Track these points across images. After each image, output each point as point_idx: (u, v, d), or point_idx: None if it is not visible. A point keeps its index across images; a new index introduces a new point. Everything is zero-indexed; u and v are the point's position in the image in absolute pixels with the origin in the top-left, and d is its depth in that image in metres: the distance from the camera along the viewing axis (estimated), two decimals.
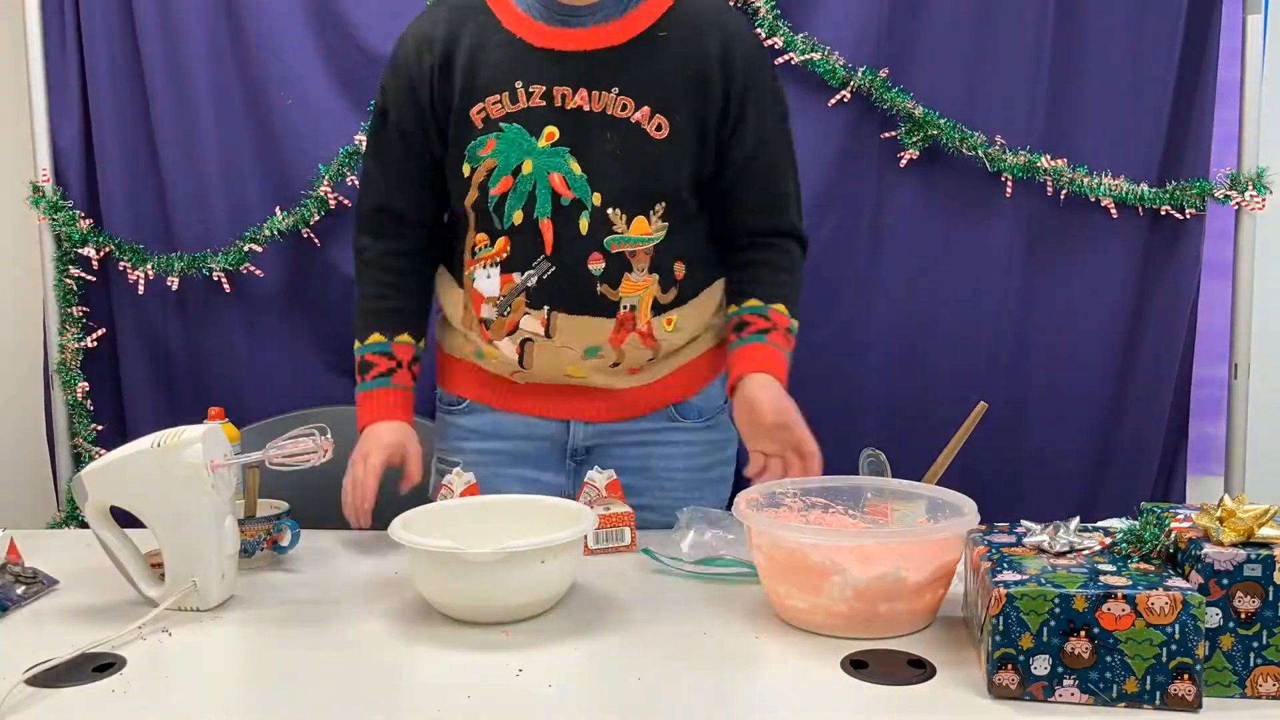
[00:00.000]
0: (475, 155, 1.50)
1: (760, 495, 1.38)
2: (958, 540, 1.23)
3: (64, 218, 2.17)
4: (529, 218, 1.50)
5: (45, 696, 1.09)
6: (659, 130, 1.48)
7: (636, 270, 1.52)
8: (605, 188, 1.49)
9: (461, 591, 1.25)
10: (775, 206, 1.60)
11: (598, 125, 1.48)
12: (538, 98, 1.48)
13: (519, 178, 1.49)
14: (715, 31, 1.50)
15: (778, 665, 1.15)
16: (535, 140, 1.48)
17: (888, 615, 1.20)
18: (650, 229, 1.51)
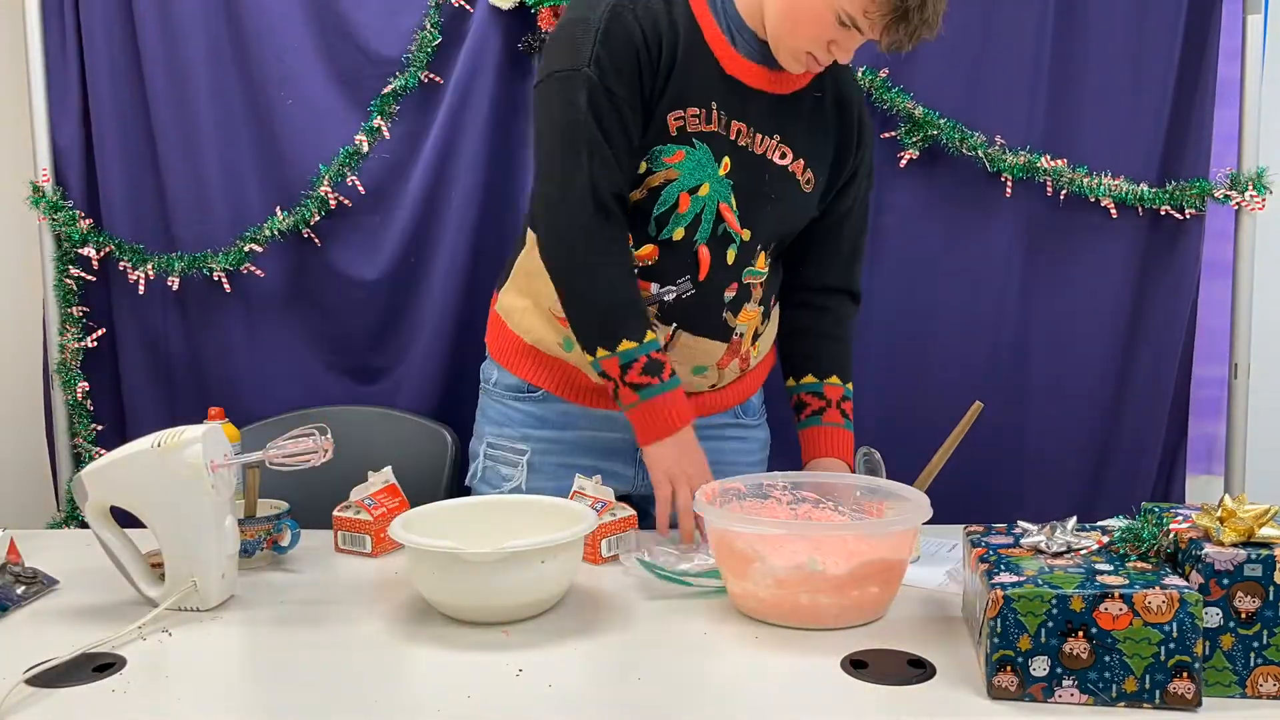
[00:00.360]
0: (659, 160, 1.50)
1: (745, 486, 1.40)
2: (881, 540, 1.25)
3: (64, 218, 2.17)
4: (689, 238, 1.52)
5: (45, 696, 1.09)
6: (808, 184, 1.57)
7: (753, 301, 1.59)
8: (756, 227, 1.55)
9: (461, 592, 1.25)
10: (847, 264, 1.70)
11: (758, 167, 1.53)
12: (722, 125, 1.50)
13: (694, 197, 1.50)
14: (855, 106, 1.61)
15: (778, 665, 1.15)
16: (717, 166, 1.51)
17: (810, 606, 1.22)
18: (764, 265, 1.60)
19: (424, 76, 2.10)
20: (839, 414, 1.65)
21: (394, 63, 2.11)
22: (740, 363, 1.63)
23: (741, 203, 1.53)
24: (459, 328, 2.16)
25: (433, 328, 2.15)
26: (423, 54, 2.09)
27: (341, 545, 1.55)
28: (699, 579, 1.36)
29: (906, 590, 1.33)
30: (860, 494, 1.40)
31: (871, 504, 1.38)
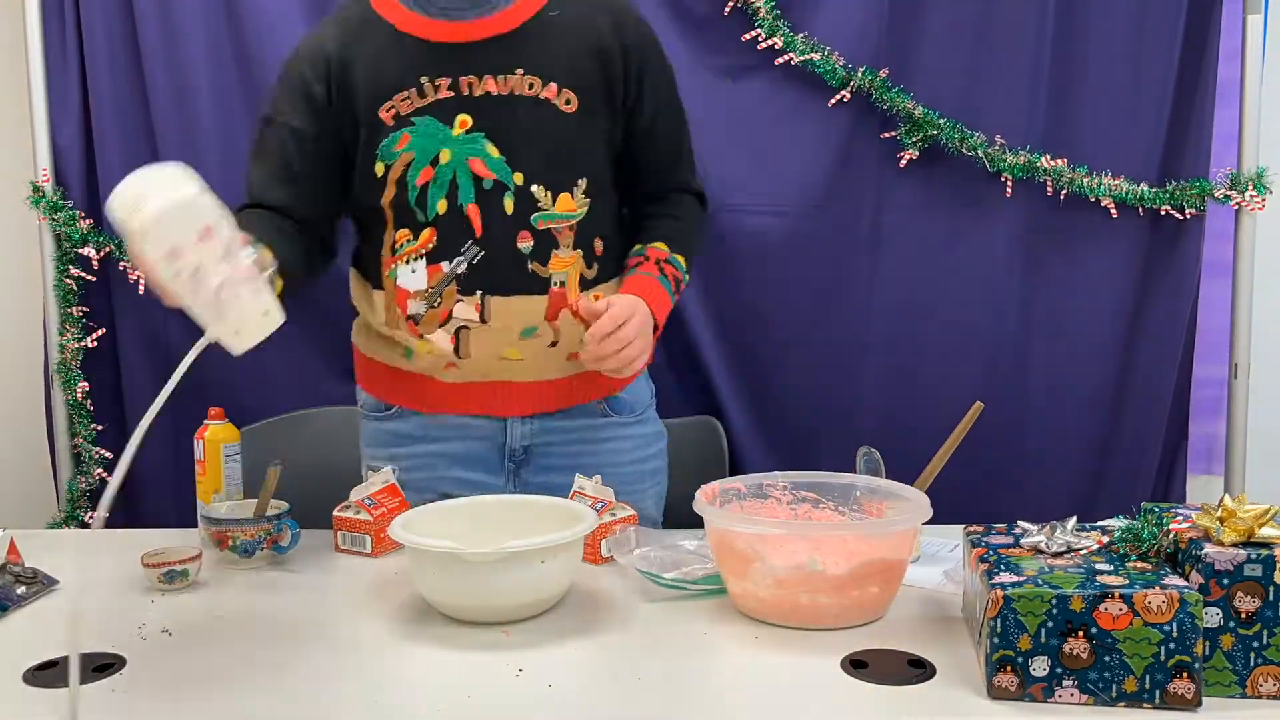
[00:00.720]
0: (390, 152, 1.51)
1: (745, 486, 1.40)
2: (881, 540, 1.25)
3: (64, 218, 2.17)
4: (454, 205, 1.51)
5: (45, 696, 1.09)
6: (569, 105, 1.52)
7: (563, 247, 1.55)
8: (525, 167, 1.51)
9: (461, 592, 1.26)
10: (671, 167, 1.66)
11: (508, 106, 1.50)
12: (445, 89, 1.49)
13: (438, 167, 1.50)
14: (604, 10, 1.55)
15: (777, 665, 1.15)
16: (449, 129, 1.50)
17: (810, 606, 1.22)
18: (575, 205, 1.54)
19: None
20: (654, 266, 1.59)
21: None
22: (575, 317, 1.56)
23: (505, 149, 1.50)
24: None
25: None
26: None
27: (341, 545, 1.55)
28: (697, 585, 1.36)
29: (906, 590, 1.33)
30: (860, 494, 1.40)
31: (871, 504, 1.38)
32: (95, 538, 1.68)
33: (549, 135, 1.51)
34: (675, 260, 1.61)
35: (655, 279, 1.57)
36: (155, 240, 1.11)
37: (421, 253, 1.53)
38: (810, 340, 2.14)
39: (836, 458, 1.64)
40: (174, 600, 1.37)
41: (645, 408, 1.72)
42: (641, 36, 1.58)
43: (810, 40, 2.05)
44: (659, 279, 1.58)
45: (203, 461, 1.60)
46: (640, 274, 1.58)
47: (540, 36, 1.52)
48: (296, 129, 1.53)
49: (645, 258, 1.59)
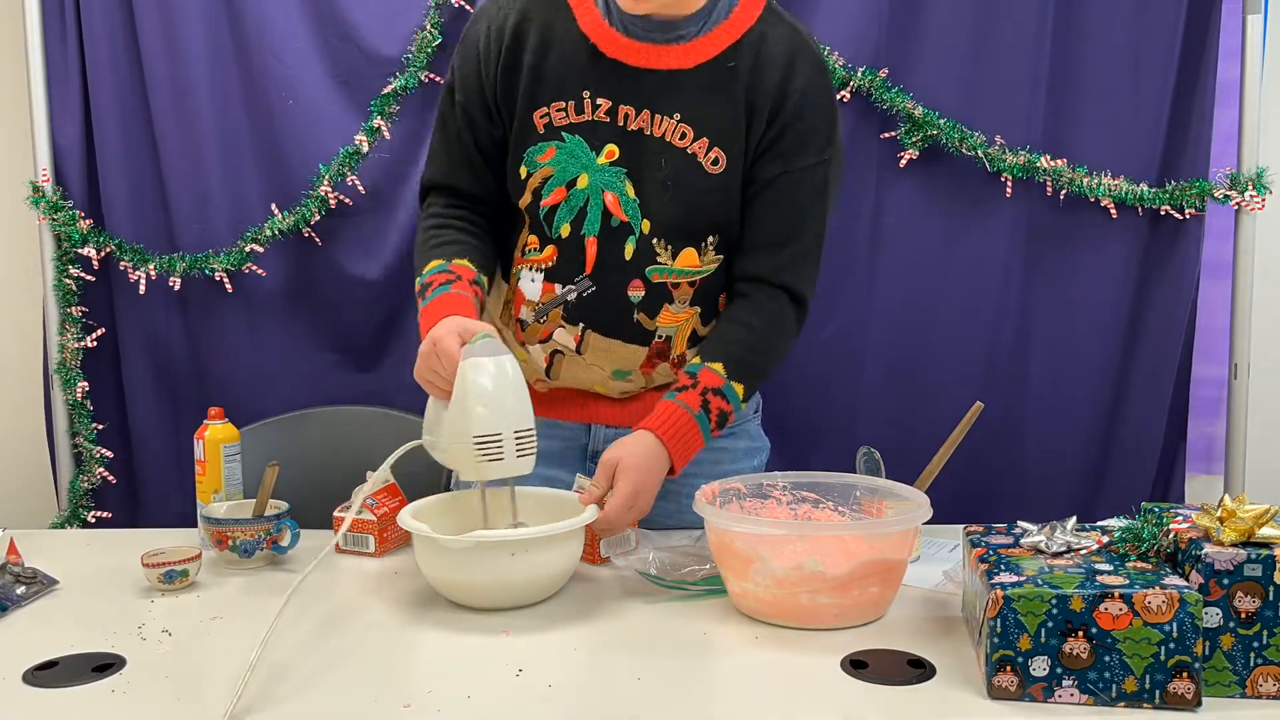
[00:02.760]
0: (533, 160, 1.48)
1: (745, 486, 1.40)
2: (881, 540, 1.25)
3: (64, 218, 2.17)
4: (576, 233, 1.48)
5: (45, 696, 1.09)
6: (715, 165, 1.45)
7: (678, 302, 1.50)
8: (655, 216, 1.46)
9: (439, 575, 1.34)
10: (775, 249, 1.50)
11: (655, 151, 1.45)
12: (603, 112, 1.44)
13: (573, 191, 1.46)
14: (782, 68, 1.44)
15: (777, 665, 1.15)
16: (595, 155, 1.46)
17: (810, 606, 1.22)
18: (700, 262, 1.49)
19: (424, 76, 2.10)
20: (698, 399, 1.44)
21: (394, 63, 2.11)
22: (674, 369, 1.53)
23: (641, 192, 1.45)
24: None
25: None
26: (423, 54, 2.09)
27: (343, 545, 1.55)
28: (697, 585, 1.36)
29: (906, 590, 1.33)
30: (860, 494, 1.40)
31: (871, 504, 1.39)
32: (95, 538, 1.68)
33: (686, 192, 1.45)
34: (729, 390, 1.45)
35: (692, 416, 1.44)
36: None
37: (543, 266, 1.51)
38: (810, 340, 2.13)
39: (836, 458, 1.64)
40: (174, 600, 1.37)
41: (742, 420, 1.63)
42: (805, 100, 1.44)
43: None
44: (696, 415, 1.44)
45: (203, 461, 1.60)
46: (679, 403, 1.44)
47: (710, 84, 1.43)
48: (472, 116, 1.50)
49: (695, 382, 1.45)
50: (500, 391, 1.32)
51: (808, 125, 1.46)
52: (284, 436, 2.03)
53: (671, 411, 1.44)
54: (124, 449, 2.27)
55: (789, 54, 1.45)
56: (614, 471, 1.40)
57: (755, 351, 1.50)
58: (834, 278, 2.12)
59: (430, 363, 1.36)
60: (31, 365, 2.31)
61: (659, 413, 1.44)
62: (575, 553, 1.36)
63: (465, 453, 1.31)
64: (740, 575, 1.26)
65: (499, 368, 1.32)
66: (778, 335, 1.52)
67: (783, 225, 1.49)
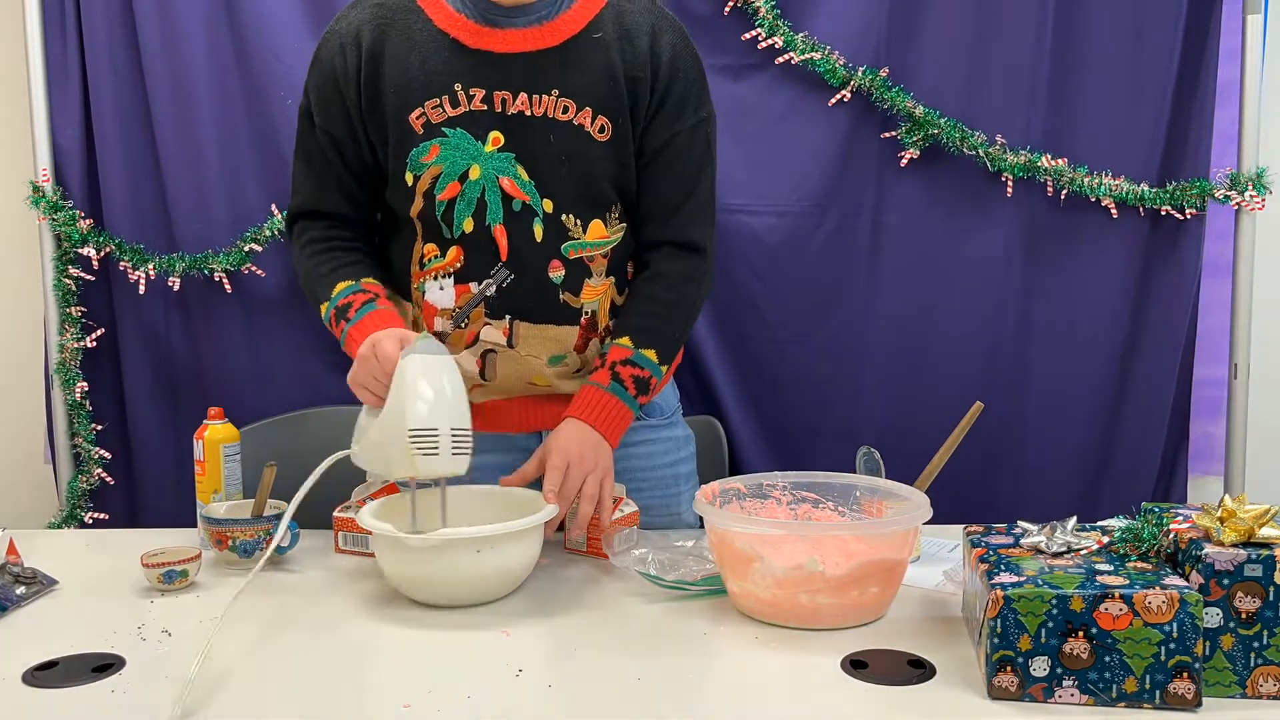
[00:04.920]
0: (418, 162, 1.47)
1: (745, 486, 1.40)
2: (881, 540, 1.25)
3: (64, 218, 2.17)
4: (480, 224, 1.47)
5: (45, 696, 1.09)
6: (602, 132, 1.47)
7: (595, 275, 1.52)
8: (555, 193, 1.47)
9: (404, 572, 1.33)
10: (672, 213, 1.54)
11: (540, 129, 1.45)
12: (479, 101, 1.45)
13: (466, 183, 1.46)
14: (647, 35, 1.48)
15: (777, 665, 1.15)
16: (482, 145, 1.45)
17: (810, 606, 1.22)
18: (608, 232, 1.51)
19: None
20: (608, 374, 1.49)
21: None
22: (604, 343, 1.56)
23: (534, 172, 1.46)
24: None
25: None
26: None
27: (342, 546, 1.55)
28: (697, 585, 1.36)
29: (906, 590, 1.33)
30: (860, 494, 1.40)
31: (871, 504, 1.39)
32: (95, 538, 1.68)
33: (579, 163, 1.47)
34: (640, 358, 1.51)
35: (604, 390, 1.49)
36: None
37: (450, 270, 1.50)
38: (810, 340, 2.14)
39: (836, 458, 1.64)
40: (174, 600, 1.37)
41: (673, 411, 1.70)
42: (676, 63, 1.50)
43: (810, 40, 2.05)
44: (608, 388, 1.49)
45: (202, 461, 1.60)
46: (591, 384, 1.50)
47: (580, 57, 1.46)
48: (336, 138, 1.51)
49: (603, 361, 1.51)
50: (438, 387, 1.30)
51: (684, 87, 1.51)
52: (284, 436, 2.03)
53: (585, 393, 1.50)
54: (123, 449, 2.26)
55: (651, 22, 1.50)
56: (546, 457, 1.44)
57: (659, 317, 1.54)
58: (834, 277, 2.12)
59: (369, 367, 1.37)
60: (32, 365, 2.31)
61: (575, 399, 1.50)
62: (536, 548, 1.37)
63: (400, 448, 1.28)
64: (740, 575, 1.26)
65: (438, 365, 1.32)
66: (683, 294, 1.56)
67: (679, 186, 1.54)
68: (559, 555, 1.52)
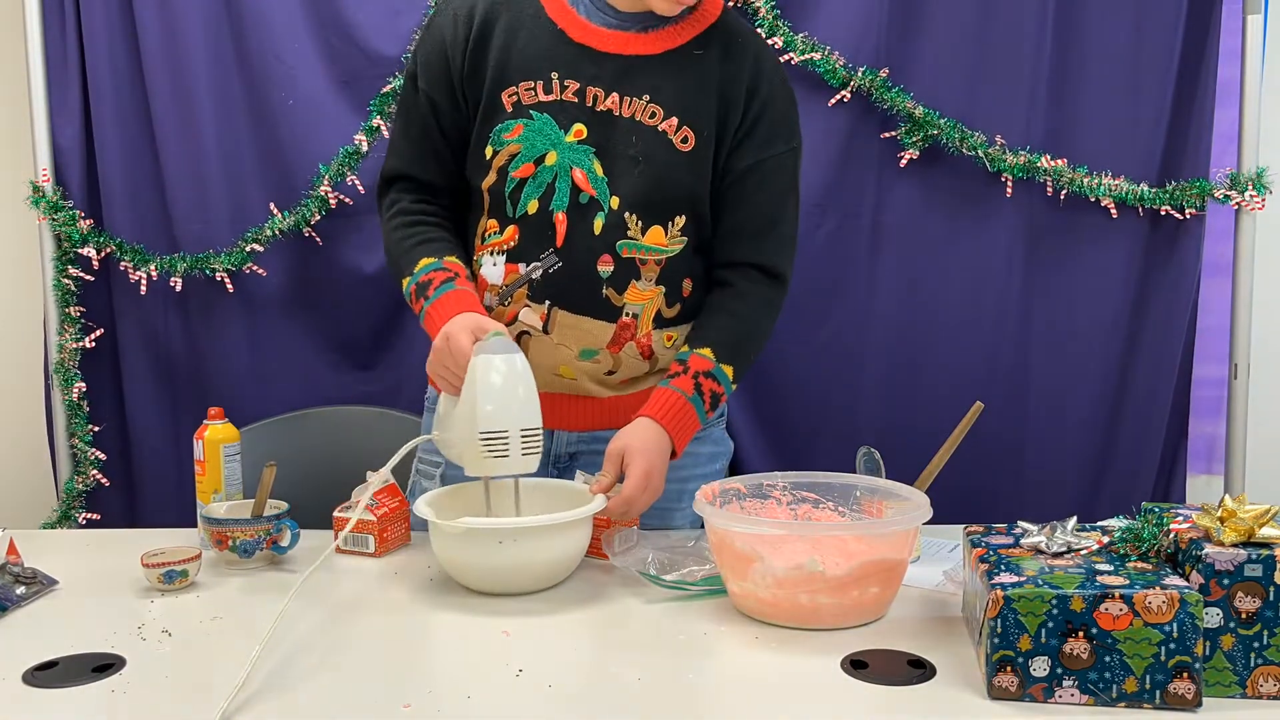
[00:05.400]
0: (500, 138, 1.49)
1: (745, 486, 1.40)
2: (881, 540, 1.25)
3: (64, 218, 2.17)
4: (544, 209, 1.49)
5: (45, 696, 1.09)
6: (685, 143, 1.49)
7: (644, 279, 1.52)
8: (624, 192, 1.48)
9: (443, 555, 1.38)
10: (754, 237, 1.55)
11: (625, 130, 1.48)
12: (571, 93, 1.48)
13: (541, 167, 1.48)
14: (749, 59, 1.51)
15: (777, 665, 1.15)
16: (564, 134, 1.48)
17: (810, 606, 1.22)
18: (666, 240, 1.51)
19: None
20: (691, 383, 1.49)
21: (394, 63, 2.11)
22: (641, 350, 1.54)
23: (609, 169, 1.48)
24: None
25: None
26: None
27: (343, 545, 1.55)
28: (697, 585, 1.36)
29: (906, 590, 1.33)
30: (860, 494, 1.40)
31: (871, 504, 1.39)
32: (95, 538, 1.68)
33: (656, 168, 1.48)
34: (719, 373, 1.50)
35: (687, 399, 1.48)
36: None
37: (504, 248, 1.52)
38: (810, 340, 2.14)
39: (836, 458, 1.64)
40: (174, 600, 1.37)
41: (713, 424, 1.64)
42: (770, 89, 1.52)
43: (810, 40, 2.05)
44: (691, 399, 1.48)
45: (203, 461, 1.60)
46: (672, 389, 1.49)
47: (679, 69, 1.49)
48: (436, 102, 1.53)
49: (685, 368, 1.50)
50: (509, 390, 1.34)
51: (778, 114, 1.53)
52: (284, 436, 2.03)
53: (667, 397, 1.48)
54: (123, 449, 2.27)
55: (755, 48, 1.54)
56: (621, 459, 1.44)
57: (741, 335, 1.55)
58: (834, 278, 2.13)
59: (442, 358, 1.40)
60: (32, 365, 2.31)
61: (655, 400, 1.48)
62: (574, 544, 1.38)
63: (472, 448, 1.34)
64: (740, 575, 1.26)
65: (509, 365, 1.35)
66: (763, 317, 1.58)
67: (763, 211, 1.55)
68: None
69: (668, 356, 1.57)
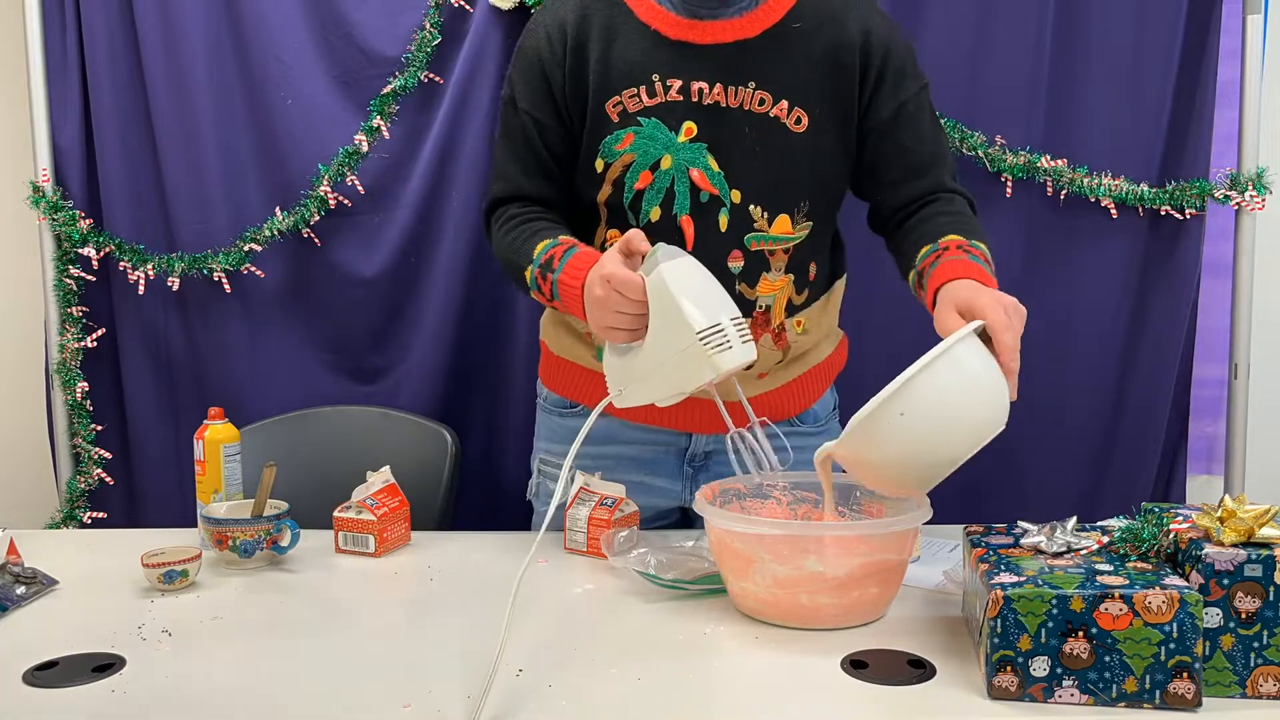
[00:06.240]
0: (611, 150, 1.47)
1: (745, 486, 1.40)
2: (881, 540, 1.25)
3: (64, 218, 2.17)
4: (667, 214, 1.47)
5: (45, 696, 1.09)
6: (798, 124, 1.45)
7: (774, 270, 1.50)
8: (745, 184, 1.46)
9: None
10: (925, 170, 1.51)
11: (736, 121, 1.45)
12: (675, 92, 1.45)
13: (658, 173, 1.46)
14: (852, 19, 1.46)
15: (777, 665, 1.15)
16: (675, 135, 1.45)
17: (810, 606, 1.22)
18: (794, 229, 1.49)
19: (424, 76, 2.10)
20: (959, 250, 1.38)
21: (394, 63, 2.11)
22: (775, 341, 1.53)
23: (725, 163, 1.45)
24: (459, 328, 2.16)
25: (433, 328, 2.15)
26: (422, 54, 2.09)
27: (342, 545, 1.55)
28: (697, 585, 1.36)
29: (906, 590, 1.33)
30: (860, 494, 1.40)
31: (871, 504, 1.39)
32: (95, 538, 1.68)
33: (773, 155, 1.46)
34: (978, 246, 1.40)
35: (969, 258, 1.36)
36: None
37: None
38: None
39: None
40: (174, 600, 1.37)
41: (829, 418, 1.67)
42: (889, 45, 1.47)
43: None
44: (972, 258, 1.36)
45: (203, 461, 1.60)
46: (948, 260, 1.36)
47: (779, 48, 1.44)
48: (539, 121, 1.50)
49: (944, 248, 1.39)
50: (704, 286, 1.29)
51: (900, 59, 1.49)
52: (284, 436, 2.04)
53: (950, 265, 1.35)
54: (123, 449, 2.27)
55: (844, 4, 1.47)
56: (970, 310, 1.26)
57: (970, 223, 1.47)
58: None
59: (611, 301, 1.31)
60: (32, 365, 2.31)
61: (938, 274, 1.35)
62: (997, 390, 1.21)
63: (692, 357, 1.24)
64: (740, 575, 1.26)
65: (690, 265, 1.29)
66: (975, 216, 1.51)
67: (923, 147, 1.51)
68: (559, 555, 1.51)
69: (799, 343, 1.56)
